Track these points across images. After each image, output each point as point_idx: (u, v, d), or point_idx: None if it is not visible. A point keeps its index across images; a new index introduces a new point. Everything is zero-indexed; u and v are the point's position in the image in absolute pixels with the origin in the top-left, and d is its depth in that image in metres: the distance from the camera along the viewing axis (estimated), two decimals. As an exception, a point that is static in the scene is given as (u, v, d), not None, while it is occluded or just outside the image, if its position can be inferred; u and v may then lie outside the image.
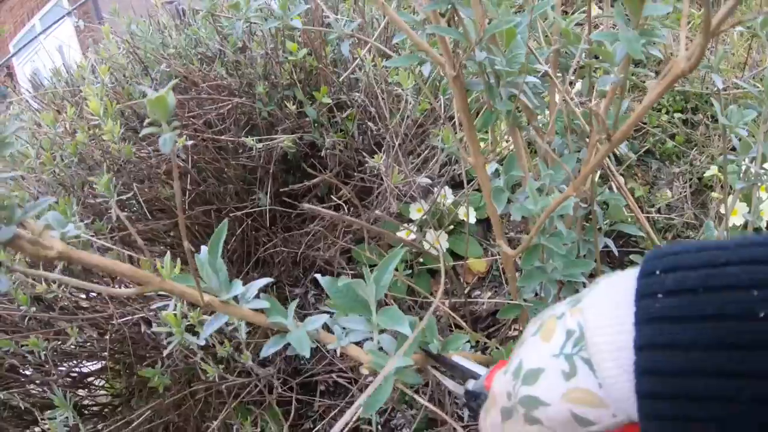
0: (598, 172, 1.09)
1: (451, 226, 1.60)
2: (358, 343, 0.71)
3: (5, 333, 1.28)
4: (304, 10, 1.03)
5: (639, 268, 0.42)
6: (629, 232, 1.15)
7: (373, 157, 1.32)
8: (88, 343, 1.43)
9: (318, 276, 0.71)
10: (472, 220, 1.57)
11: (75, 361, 1.47)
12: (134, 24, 1.56)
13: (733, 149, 0.99)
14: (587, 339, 0.44)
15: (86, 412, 1.51)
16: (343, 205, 1.49)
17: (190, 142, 1.42)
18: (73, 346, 1.36)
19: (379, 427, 1.48)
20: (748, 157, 0.97)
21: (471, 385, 0.68)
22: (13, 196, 0.50)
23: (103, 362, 1.46)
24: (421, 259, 1.56)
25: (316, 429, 1.40)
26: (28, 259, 1.10)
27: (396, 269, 0.76)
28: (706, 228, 1.12)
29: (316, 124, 1.55)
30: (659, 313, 0.39)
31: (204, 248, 0.66)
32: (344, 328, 0.70)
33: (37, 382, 1.31)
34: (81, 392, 1.50)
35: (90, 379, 1.53)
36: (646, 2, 0.68)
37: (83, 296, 1.43)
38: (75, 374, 1.48)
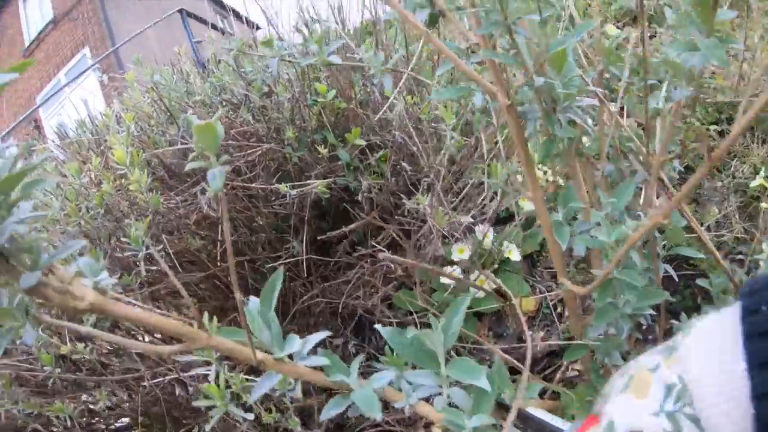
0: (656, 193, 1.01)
1: (495, 265, 1.52)
2: (427, 399, 0.64)
3: (29, 394, 1.21)
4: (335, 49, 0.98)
5: (739, 306, 0.37)
6: (689, 255, 1.07)
7: (410, 199, 1.26)
8: (118, 407, 1.36)
9: (379, 327, 0.64)
10: (517, 257, 1.49)
11: (104, 423, 1.40)
12: (157, 73, 1.54)
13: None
14: (692, 392, 0.39)
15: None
16: (385, 250, 1.42)
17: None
18: (102, 409, 1.29)
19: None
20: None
21: None
22: (39, 237, 0.44)
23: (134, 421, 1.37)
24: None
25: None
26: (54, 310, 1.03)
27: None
28: None
29: (349, 168, 1.50)
30: None
31: (254, 299, 0.59)
32: (410, 383, 0.63)
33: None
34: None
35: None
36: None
37: (112, 355, 1.37)
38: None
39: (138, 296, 1.32)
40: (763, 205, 1.64)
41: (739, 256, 1.60)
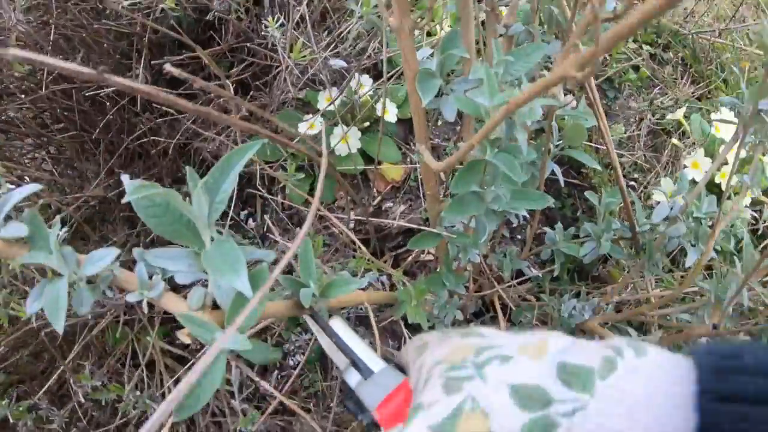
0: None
1: (367, 123, 1.31)
2: (187, 289, 0.44)
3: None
4: None
5: (692, 376, 0.31)
6: (582, 162, 0.91)
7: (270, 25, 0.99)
8: None
9: (124, 177, 0.42)
10: (392, 117, 1.29)
11: None
12: None
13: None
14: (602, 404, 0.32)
15: None
16: (230, 86, 1.16)
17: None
18: None
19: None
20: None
21: (355, 387, 0.47)
22: None
23: None
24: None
25: None
26: None
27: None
28: (681, 178, 0.91)
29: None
30: None
31: None
32: (162, 269, 0.42)
33: None
34: None
35: None
36: None
37: None
38: None
39: None
40: (675, 141, 1.54)
41: (632, 183, 1.53)
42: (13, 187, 0.41)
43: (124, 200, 0.37)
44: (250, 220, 1.40)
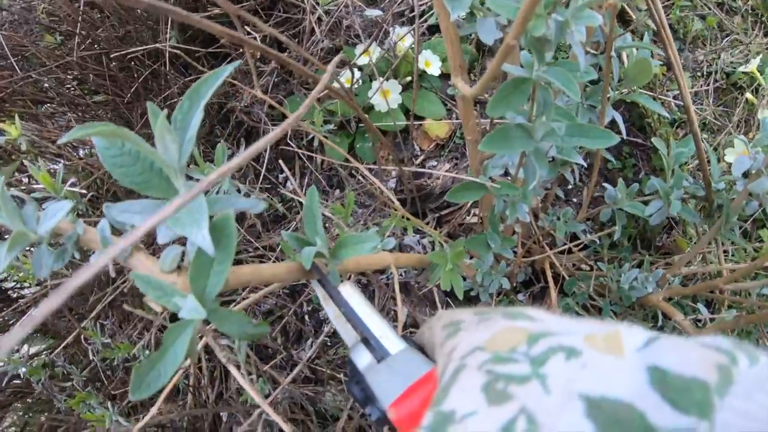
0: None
1: (409, 78, 1.21)
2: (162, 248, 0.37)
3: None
4: None
5: None
6: (649, 107, 0.79)
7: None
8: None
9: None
10: (435, 71, 1.19)
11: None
12: None
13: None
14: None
15: None
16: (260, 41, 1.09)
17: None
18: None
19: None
20: None
21: (364, 370, 0.38)
22: None
23: None
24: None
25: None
26: None
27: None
28: (763, 126, 0.77)
29: None
30: None
31: None
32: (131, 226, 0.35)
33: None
34: None
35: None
36: None
37: None
38: None
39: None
40: (749, 95, 1.38)
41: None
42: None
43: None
44: (288, 183, 1.34)
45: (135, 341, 1.00)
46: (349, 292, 0.42)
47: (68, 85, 1.31)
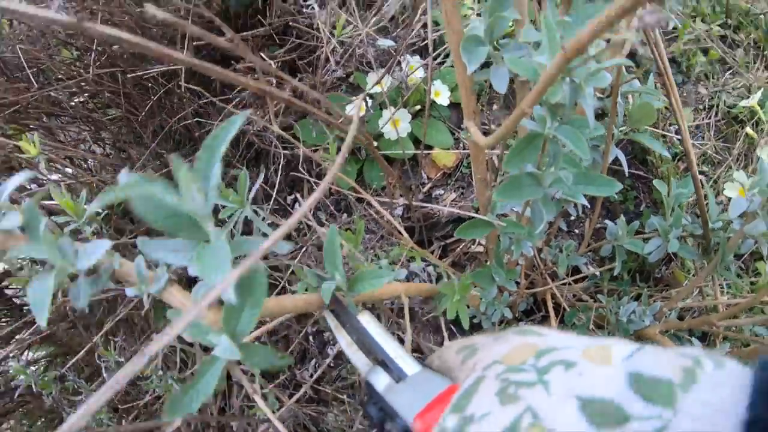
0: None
1: (418, 107, 1.25)
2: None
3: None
4: None
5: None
6: (651, 147, 0.82)
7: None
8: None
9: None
10: (444, 101, 1.22)
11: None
12: None
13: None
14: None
15: None
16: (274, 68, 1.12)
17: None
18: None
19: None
20: None
21: (383, 391, 0.40)
22: None
23: None
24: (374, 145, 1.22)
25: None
26: None
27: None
28: (760, 169, 0.80)
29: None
30: None
31: None
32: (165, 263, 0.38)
33: None
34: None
35: None
36: None
37: None
38: None
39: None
40: (748, 130, 1.41)
41: (700, 176, 1.40)
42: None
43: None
44: (297, 205, 1.36)
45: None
46: (367, 320, 0.46)
47: (82, 99, 1.34)
